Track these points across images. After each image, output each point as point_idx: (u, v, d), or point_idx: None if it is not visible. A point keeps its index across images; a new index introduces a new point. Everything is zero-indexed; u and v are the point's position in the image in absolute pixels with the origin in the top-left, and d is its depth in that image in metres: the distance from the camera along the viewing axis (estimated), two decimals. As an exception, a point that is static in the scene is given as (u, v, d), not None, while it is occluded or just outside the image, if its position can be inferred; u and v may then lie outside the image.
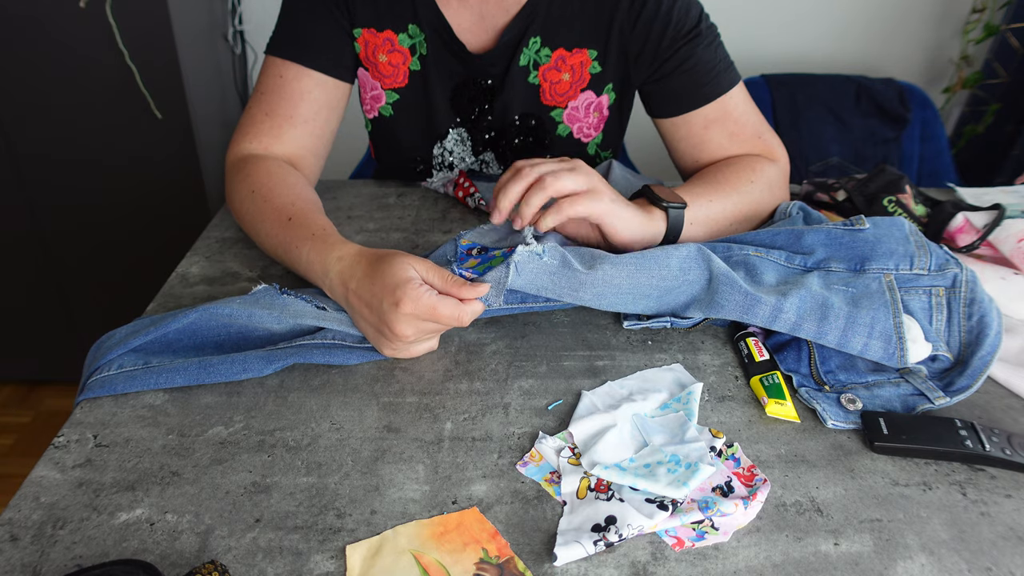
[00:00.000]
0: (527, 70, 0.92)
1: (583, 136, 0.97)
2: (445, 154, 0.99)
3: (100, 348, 0.66)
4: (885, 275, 0.70)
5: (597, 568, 0.50)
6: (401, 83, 0.94)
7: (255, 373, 0.64)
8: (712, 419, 0.63)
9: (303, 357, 0.65)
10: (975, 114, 1.85)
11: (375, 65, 0.93)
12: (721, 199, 0.81)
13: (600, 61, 0.91)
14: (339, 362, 0.66)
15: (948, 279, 0.71)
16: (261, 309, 0.66)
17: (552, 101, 0.94)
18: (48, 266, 1.74)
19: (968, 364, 0.66)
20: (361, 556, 0.50)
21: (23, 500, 0.54)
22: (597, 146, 1.00)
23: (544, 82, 0.93)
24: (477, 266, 0.69)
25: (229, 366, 0.63)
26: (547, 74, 0.92)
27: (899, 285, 0.70)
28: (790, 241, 0.76)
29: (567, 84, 0.92)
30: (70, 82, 1.49)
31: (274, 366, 0.64)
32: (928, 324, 0.69)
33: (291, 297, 0.68)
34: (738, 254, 0.74)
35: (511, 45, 0.91)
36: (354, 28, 0.91)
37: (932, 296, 0.71)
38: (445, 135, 0.98)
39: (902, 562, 0.51)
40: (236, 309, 0.65)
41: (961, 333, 0.69)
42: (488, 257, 0.71)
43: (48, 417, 1.89)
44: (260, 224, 0.79)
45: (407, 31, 0.91)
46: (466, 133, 0.98)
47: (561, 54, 0.91)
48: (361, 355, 0.67)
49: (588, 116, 0.95)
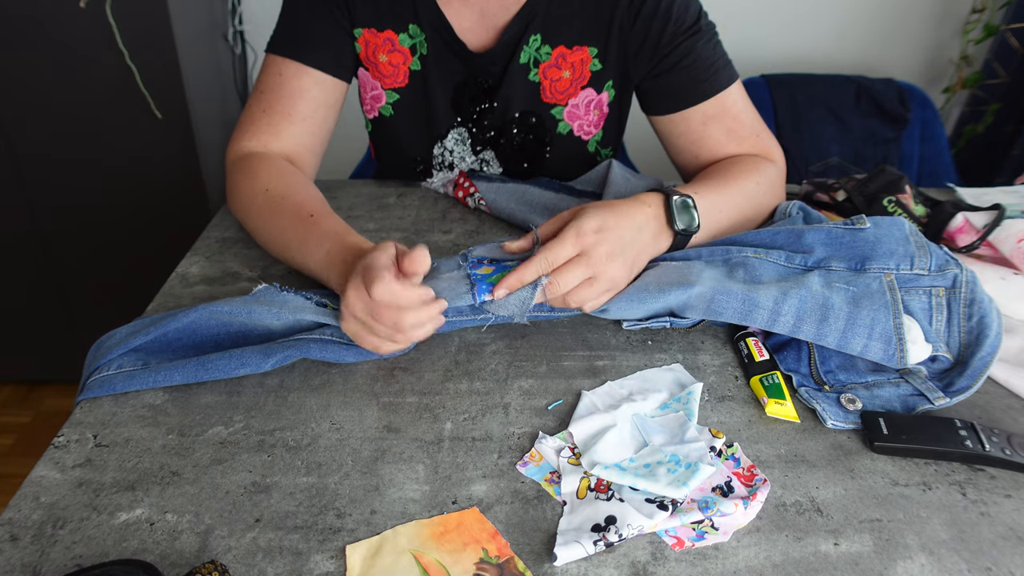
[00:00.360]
0: (527, 68, 0.92)
1: (583, 134, 0.98)
2: (445, 153, 1.00)
3: (100, 348, 0.66)
4: (886, 275, 0.70)
5: (597, 568, 0.50)
6: (401, 83, 0.94)
7: (253, 368, 0.64)
8: (712, 419, 0.63)
9: (300, 351, 0.65)
10: (975, 114, 1.85)
11: (375, 65, 0.93)
12: (725, 200, 0.81)
13: (600, 59, 0.92)
14: (335, 359, 0.66)
15: (948, 279, 0.71)
16: (260, 306, 0.66)
17: (552, 99, 0.94)
18: (48, 266, 1.74)
19: (968, 365, 0.66)
20: (361, 556, 0.50)
21: (23, 500, 0.54)
22: (597, 143, 1.00)
23: (544, 80, 0.93)
24: (492, 274, 0.68)
25: (227, 362, 0.63)
26: (547, 72, 0.92)
27: (899, 285, 0.70)
28: (790, 240, 0.76)
29: (567, 82, 0.92)
30: (70, 82, 1.49)
31: (272, 360, 0.64)
32: (928, 324, 0.69)
33: (290, 294, 0.68)
34: (737, 256, 0.74)
35: (512, 43, 0.91)
36: (354, 28, 0.91)
37: (932, 296, 0.71)
38: (445, 135, 0.99)
39: (902, 562, 0.51)
40: (236, 307, 0.65)
41: (961, 334, 0.69)
42: (502, 267, 0.69)
43: (48, 417, 1.89)
44: (274, 220, 0.79)
45: (407, 31, 0.91)
46: (466, 133, 0.98)
47: (561, 51, 0.91)
48: (358, 353, 0.66)
49: (588, 114, 0.95)
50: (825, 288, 0.68)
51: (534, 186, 0.94)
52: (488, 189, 0.95)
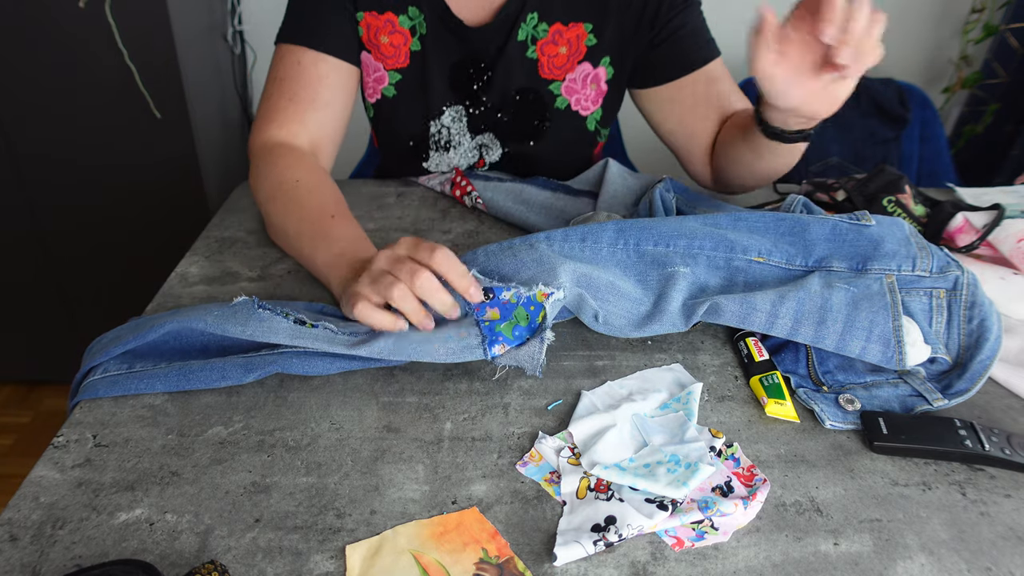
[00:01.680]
0: (525, 45, 0.94)
1: (582, 108, 0.99)
2: (443, 130, 1.00)
3: (90, 352, 0.66)
4: (887, 276, 0.70)
5: (597, 568, 0.50)
6: (403, 63, 0.96)
7: (234, 381, 0.63)
8: (712, 419, 0.63)
9: (282, 366, 0.64)
10: (974, 114, 1.85)
11: (377, 47, 0.95)
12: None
13: (596, 34, 0.94)
14: (318, 372, 0.64)
15: (949, 281, 0.71)
16: (235, 325, 0.63)
17: (550, 75, 0.96)
18: (48, 266, 1.74)
19: (967, 368, 0.66)
20: (361, 556, 0.50)
21: (23, 500, 0.54)
22: (596, 122, 1.01)
23: (542, 56, 0.95)
24: (500, 322, 0.65)
25: (208, 373, 0.63)
26: (545, 48, 0.94)
27: (900, 287, 0.70)
28: (794, 231, 0.75)
29: (564, 57, 0.94)
30: (70, 82, 1.49)
31: (253, 375, 0.63)
32: (928, 326, 0.69)
33: (267, 312, 0.66)
34: (740, 260, 0.74)
35: (509, 20, 0.93)
36: (357, 12, 0.93)
37: (933, 298, 0.71)
38: (442, 113, 1.00)
39: (902, 562, 0.51)
40: (210, 324, 0.63)
41: (961, 336, 0.69)
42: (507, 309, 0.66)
43: (48, 417, 1.89)
44: (296, 211, 0.80)
45: (407, 12, 0.93)
46: (463, 110, 0.99)
47: (558, 28, 0.93)
48: (341, 364, 0.65)
49: (586, 87, 0.97)
50: (825, 289, 0.68)
51: (531, 185, 0.94)
52: (485, 188, 0.95)
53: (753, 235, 0.76)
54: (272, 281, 0.80)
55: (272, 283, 0.80)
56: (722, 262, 0.74)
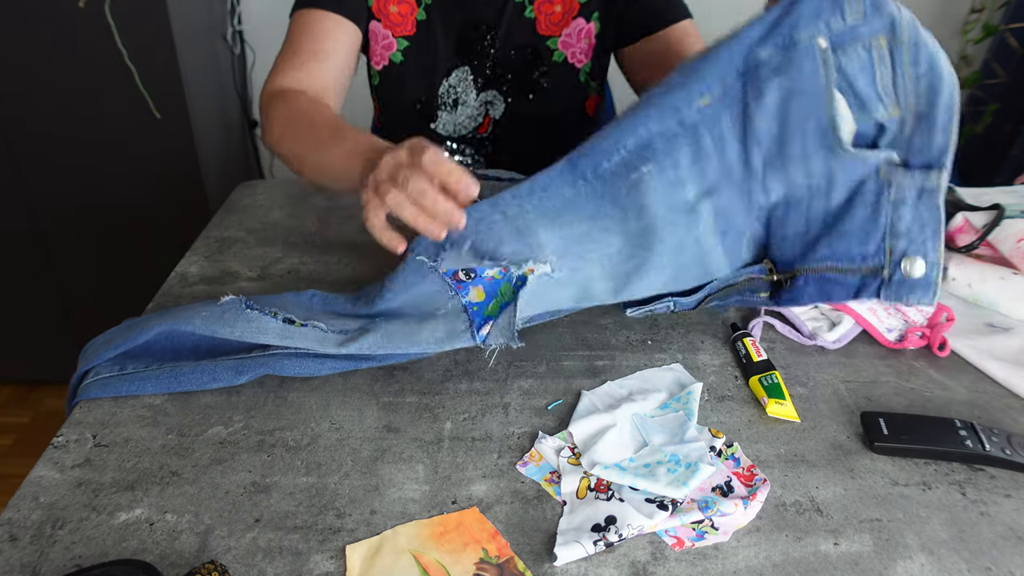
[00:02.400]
0: (523, 5, 1.01)
1: (576, 61, 1.05)
2: (450, 90, 1.06)
3: (84, 355, 0.67)
4: (819, 40, 0.62)
5: (597, 568, 0.50)
6: (410, 31, 1.02)
7: (225, 383, 0.63)
8: (712, 419, 0.63)
9: (273, 368, 0.64)
10: (974, 114, 1.85)
11: (387, 16, 1.01)
12: None
13: None
14: (310, 373, 0.65)
15: (886, 21, 0.63)
16: (223, 327, 0.63)
17: (547, 31, 1.03)
18: (47, 266, 1.74)
19: (933, 117, 0.62)
20: (361, 556, 0.50)
21: (22, 500, 0.54)
22: (587, 74, 1.06)
23: (539, 15, 1.02)
24: (485, 301, 0.65)
25: (199, 375, 0.63)
26: (541, 7, 1.01)
27: (834, 45, 0.63)
28: (722, 56, 0.66)
29: (559, 15, 1.01)
30: (69, 82, 1.49)
31: (244, 377, 0.63)
32: (872, 84, 0.64)
33: (255, 312, 0.65)
34: (689, 112, 0.66)
35: None
36: None
37: (873, 49, 0.64)
38: (450, 75, 1.05)
39: (902, 562, 0.51)
40: (199, 326, 0.63)
41: (909, 82, 0.63)
42: (492, 285, 0.66)
43: (48, 417, 1.88)
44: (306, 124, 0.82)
45: None
46: (469, 70, 1.05)
47: None
48: (332, 365, 0.65)
49: (580, 41, 1.03)
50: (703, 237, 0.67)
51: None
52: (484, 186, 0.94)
53: (690, 80, 0.67)
54: (272, 281, 0.80)
55: (272, 283, 0.80)
56: (675, 126, 0.67)
